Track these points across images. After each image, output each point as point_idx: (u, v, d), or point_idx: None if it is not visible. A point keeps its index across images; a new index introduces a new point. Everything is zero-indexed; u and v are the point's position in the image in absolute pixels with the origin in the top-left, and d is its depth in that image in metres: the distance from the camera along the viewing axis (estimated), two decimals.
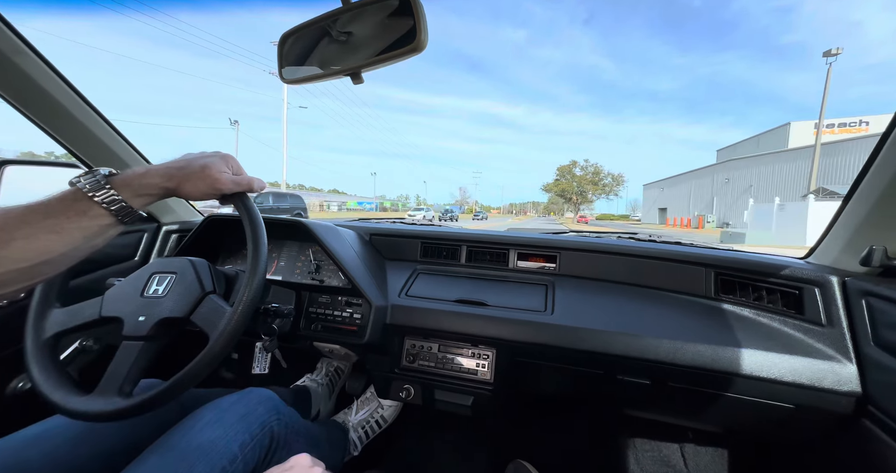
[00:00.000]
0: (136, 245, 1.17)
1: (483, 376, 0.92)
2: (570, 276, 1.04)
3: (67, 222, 0.44)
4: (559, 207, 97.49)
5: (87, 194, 0.45)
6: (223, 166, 0.56)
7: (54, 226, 0.43)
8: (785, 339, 0.76)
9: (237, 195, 0.60)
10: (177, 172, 0.52)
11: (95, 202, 0.46)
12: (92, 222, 0.46)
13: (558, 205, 63.37)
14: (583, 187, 55.20)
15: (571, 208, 62.26)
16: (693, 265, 0.94)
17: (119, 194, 0.47)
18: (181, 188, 0.53)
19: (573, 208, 61.33)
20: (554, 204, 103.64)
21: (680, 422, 1.09)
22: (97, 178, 0.47)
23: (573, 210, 62.79)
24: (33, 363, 0.58)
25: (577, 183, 55.57)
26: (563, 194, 58.59)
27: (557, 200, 59.95)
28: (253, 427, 0.63)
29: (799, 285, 0.80)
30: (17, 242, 0.41)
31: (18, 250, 0.41)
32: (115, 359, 0.59)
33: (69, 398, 0.55)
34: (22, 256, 0.41)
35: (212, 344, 0.55)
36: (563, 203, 67.92)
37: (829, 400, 0.70)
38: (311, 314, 0.96)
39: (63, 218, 0.44)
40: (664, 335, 0.78)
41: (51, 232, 0.43)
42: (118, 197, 0.47)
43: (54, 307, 0.64)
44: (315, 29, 0.62)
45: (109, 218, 0.47)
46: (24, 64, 0.77)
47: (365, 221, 1.38)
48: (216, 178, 0.54)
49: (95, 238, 0.47)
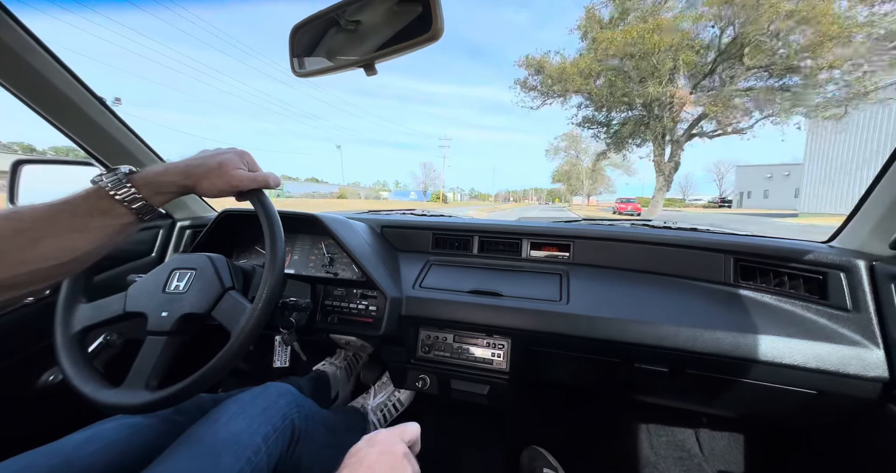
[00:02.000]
0: (152, 242, 1.19)
1: (499, 365, 0.93)
2: (584, 265, 1.03)
3: (91, 221, 0.45)
4: (563, 193, 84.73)
5: (109, 193, 0.46)
6: (239, 163, 0.56)
7: (80, 224, 0.44)
8: (808, 325, 0.75)
9: (253, 192, 0.60)
10: (194, 170, 0.52)
11: (117, 201, 0.46)
12: (114, 220, 0.47)
13: (571, 183, 51.06)
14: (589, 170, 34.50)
15: (582, 188, 51.87)
16: (711, 252, 0.92)
17: (140, 193, 0.48)
18: (199, 186, 0.53)
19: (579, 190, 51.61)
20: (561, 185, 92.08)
21: (696, 408, 1.09)
22: (118, 176, 0.47)
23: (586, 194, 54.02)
24: (64, 357, 0.60)
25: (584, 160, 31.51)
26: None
27: (570, 177, 48.97)
28: (275, 420, 0.65)
29: (823, 270, 0.78)
30: (46, 240, 0.42)
31: (47, 248, 0.42)
32: (140, 354, 0.60)
33: (99, 392, 0.56)
34: (51, 254, 0.42)
35: (233, 341, 0.56)
36: (574, 182, 56.51)
37: (853, 386, 0.69)
38: (326, 306, 0.97)
39: (87, 217, 0.45)
40: (683, 322, 0.78)
41: (76, 230, 0.44)
42: (139, 196, 0.48)
43: (80, 302, 0.65)
44: (324, 20, 0.60)
45: (131, 216, 0.48)
46: (35, 61, 0.77)
47: (375, 213, 1.38)
48: (233, 175, 0.54)
49: (117, 236, 0.48)
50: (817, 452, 0.93)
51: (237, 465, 0.55)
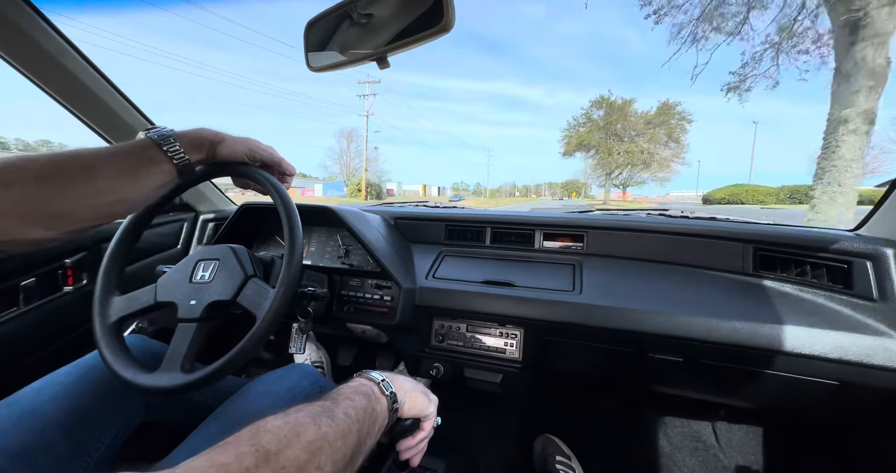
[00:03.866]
0: (177, 234, 1.24)
1: (511, 354, 0.94)
2: (597, 255, 1.03)
3: (139, 166, 0.50)
4: (581, 185, 70.73)
5: (156, 143, 0.52)
6: (261, 143, 0.64)
7: (131, 168, 0.49)
8: (830, 315, 0.73)
9: (269, 184, 0.63)
10: (220, 131, 0.60)
11: (163, 151, 0.52)
12: (158, 170, 0.52)
13: (598, 170, 36.64)
14: (632, 133, 31.23)
15: (607, 181, 37.12)
16: (729, 241, 0.90)
17: (181, 147, 0.53)
18: (223, 145, 0.60)
19: (611, 178, 35.97)
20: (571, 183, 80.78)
21: (712, 399, 1.08)
22: (164, 131, 0.53)
23: (613, 185, 37.53)
24: (103, 345, 0.64)
25: (619, 126, 30.94)
26: (597, 147, 32.82)
27: (597, 162, 35.20)
28: (298, 399, 0.68)
29: (848, 259, 0.76)
30: (104, 179, 0.47)
31: (103, 187, 0.47)
32: (173, 340, 0.64)
33: (138, 376, 0.60)
34: (105, 191, 0.47)
35: (259, 323, 0.59)
36: (594, 174, 39.88)
37: (878, 377, 0.67)
38: (343, 296, 1.00)
39: (137, 162, 0.50)
40: (698, 312, 0.77)
41: (128, 174, 0.49)
42: (180, 148, 0.53)
43: (115, 294, 0.69)
44: (337, 15, 0.61)
45: (171, 167, 0.53)
46: (41, 39, 0.79)
47: (388, 205, 1.40)
48: (254, 142, 0.62)
49: (160, 189, 0.54)
50: (837, 445, 0.92)
51: None
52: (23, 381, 0.62)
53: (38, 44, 0.78)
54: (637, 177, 37.29)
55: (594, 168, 37.64)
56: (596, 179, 41.71)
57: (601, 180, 39.25)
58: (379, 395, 0.48)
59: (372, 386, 0.49)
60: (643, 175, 36.67)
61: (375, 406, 0.46)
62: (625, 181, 38.53)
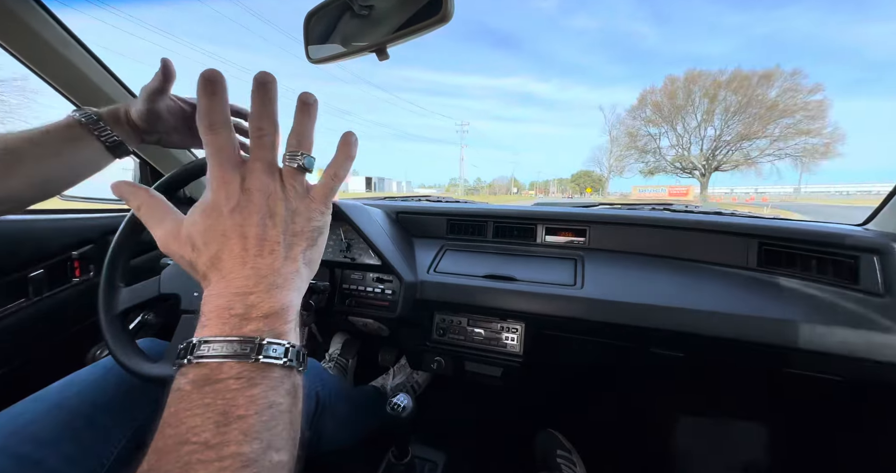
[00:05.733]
0: None
1: (512, 348, 0.94)
2: (600, 250, 1.02)
3: (64, 147, 0.50)
4: (596, 178, 52.79)
5: (78, 121, 0.51)
6: None
7: (56, 150, 0.50)
8: (836, 310, 0.72)
9: None
10: None
11: (88, 129, 0.51)
12: (86, 147, 0.52)
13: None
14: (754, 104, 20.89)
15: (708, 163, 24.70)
16: (735, 236, 0.89)
17: (106, 124, 0.52)
18: None
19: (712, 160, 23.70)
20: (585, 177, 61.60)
21: (714, 394, 1.07)
22: (91, 112, 0.52)
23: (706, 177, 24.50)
24: (109, 336, 0.65)
25: (732, 94, 21.25)
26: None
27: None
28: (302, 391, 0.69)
29: (855, 254, 0.75)
30: (28, 161, 0.48)
31: (30, 169, 0.48)
32: (177, 331, 0.65)
33: (142, 365, 0.61)
34: (33, 173, 0.49)
35: None
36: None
37: (883, 372, 0.66)
38: (344, 290, 1.00)
39: (61, 143, 0.50)
40: (700, 307, 0.76)
41: (53, 155, 0.50)
42: (105, 126, 0.52)
43: (120, 287, 0.70)
44: (337, 5, 0.61)
45: (99, 145, 0.52)
46: (46, 34, 0.79)
47: (391, 199, 1.40)
48: None
49: (90, 165, 0.54)
50: (840, 441, 0.91)
51: None
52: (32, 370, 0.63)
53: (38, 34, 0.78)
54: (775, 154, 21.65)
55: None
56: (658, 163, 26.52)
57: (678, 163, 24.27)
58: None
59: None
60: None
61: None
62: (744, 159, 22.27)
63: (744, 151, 24.92)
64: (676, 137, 27.77)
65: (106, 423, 0.60)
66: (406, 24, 0.57)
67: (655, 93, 28.26)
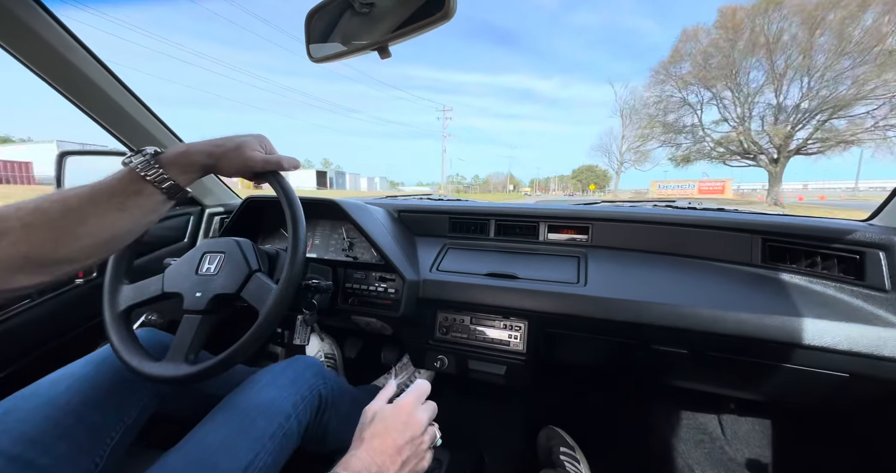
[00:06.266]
0: (184, 228, 1.26)
1: (515, 346, 0.94)
2: (603, 247, 1.02)
3: (127, 200, 0.49)
4: (601, 174, 47.11)
5: (140, 175, 0.50)
6: (256, 145, 0.59)
7: (118, 204, 0.48)
8: (841, 306, 0.72)
9: (271, 174, 0.62)
10: (215, 150, 0.56)
11: (148, 181, 0.50)
12: (147, 199, 0.51)
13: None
14: None
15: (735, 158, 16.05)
16: (738, 232, 0.89)
17: (167, 173, 0.51)
18: (219, 165, 0.56)
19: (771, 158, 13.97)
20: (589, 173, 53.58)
21: (718, 391, 1.07)
22: (146, 158, 0.51)
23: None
24: (112, 333, 0.65)
25: None
26: None
27: None
28: (303, 390, 0.69)
29: (861, 250, 0.74)
30: (91, 219, 0.46)
31: (93, 227, 0.46)
32: (179, 331, 0.65)
33: (144, 364, 0.61)
34: (96, 231, 0.47)
35: (261, 320, 0.60)
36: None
37: (888, 369, 0.66)
38: (347, 289, 1.00)
39: (123, 197, 0.49)
40: (703, 303, 0.76)
41: (116, 210, 0.48)
42: (167, 176, 0.51)
43: (123, 284, 0.70)
44: (338, 3, 0.61)
45: (161, 195, 0.52)
46: (59, 45, 0.79)
47: (393, 198, 1.40)
48: (248, 156, 0.57)
49: (151, 214, 0.52)
50: (844, 437, 0.91)
51: (270, 428, 0.60)
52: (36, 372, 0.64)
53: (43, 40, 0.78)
54: None
55: None
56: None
57: None
58: None
59: None
60: None
61: None
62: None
63: (853, 122, 13.68)
64: (735, 101, 15.82)
65: (97, 420, 0.60)
66: (408, 21, 0.57)
67: (700, 34, 15.31)
